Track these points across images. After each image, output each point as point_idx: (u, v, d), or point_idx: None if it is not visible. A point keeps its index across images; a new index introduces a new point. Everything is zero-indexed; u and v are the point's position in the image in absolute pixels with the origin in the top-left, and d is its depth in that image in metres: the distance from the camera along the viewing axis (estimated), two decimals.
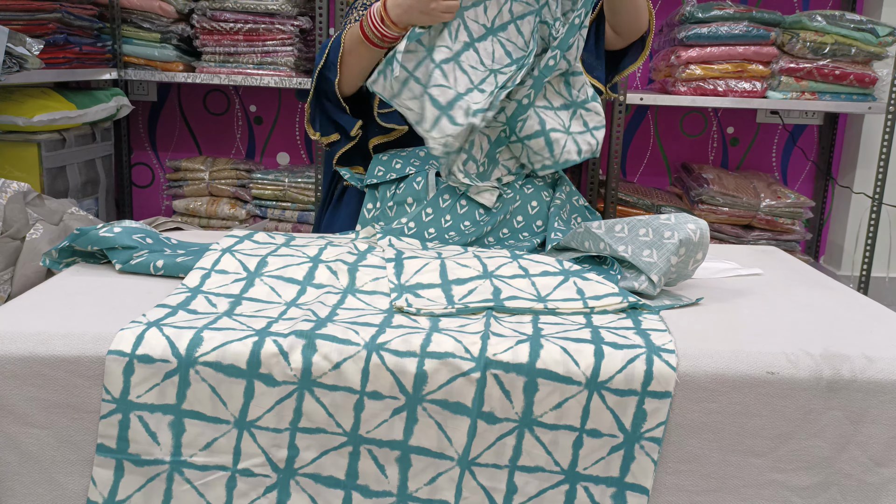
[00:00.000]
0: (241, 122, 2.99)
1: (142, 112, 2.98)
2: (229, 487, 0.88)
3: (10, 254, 1.29)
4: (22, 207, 1.34)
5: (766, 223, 2.66)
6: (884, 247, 2.89)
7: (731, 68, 2.51)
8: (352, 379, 0.85)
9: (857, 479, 0.90)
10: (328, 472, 0.88)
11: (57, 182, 2.26)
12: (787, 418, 0.88)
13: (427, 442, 0.87)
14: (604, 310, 0.99)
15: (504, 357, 0.86)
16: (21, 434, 0.87)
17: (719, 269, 1.25)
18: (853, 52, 2.47)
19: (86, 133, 2.43)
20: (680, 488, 0.90)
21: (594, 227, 1.15)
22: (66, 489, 0.88)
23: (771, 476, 0.90)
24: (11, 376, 0.86)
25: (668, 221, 1.07)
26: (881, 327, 1.00)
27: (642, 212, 2.68)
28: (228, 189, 2.73)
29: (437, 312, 0.96)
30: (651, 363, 0.86)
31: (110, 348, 0.86)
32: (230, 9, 2.52)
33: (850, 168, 2.92)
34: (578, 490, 0.88)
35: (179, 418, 0.86)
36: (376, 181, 1.40)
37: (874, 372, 0.89)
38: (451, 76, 1.24)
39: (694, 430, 0.88)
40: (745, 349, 0.90)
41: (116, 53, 2.60)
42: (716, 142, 2.99)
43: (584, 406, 0.86)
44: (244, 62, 2.57)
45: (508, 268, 1.08)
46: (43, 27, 2.18)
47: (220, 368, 0.85)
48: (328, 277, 1.04)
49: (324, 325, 0.89)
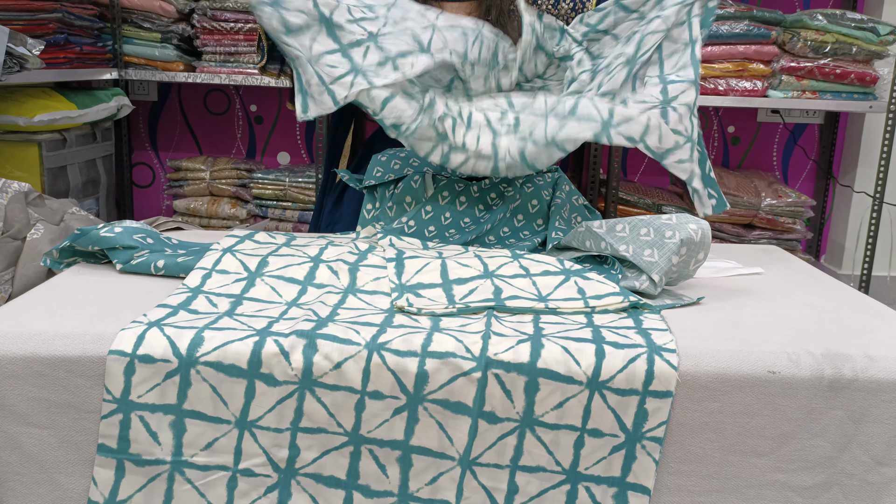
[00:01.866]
0: (241, 121, 2.99)
1: (142, 112, 2.98)
2: (230, 487, 0.88)
3: (11, 254, 1.29)
4: (23, 207, 1.34)
5: (767, 222, 2.66)
6: (885, 246, 2.88)
7: (732, 67, 2.51)
8: (353, 379, 0.85)
9: (859, 479, 0.90)
10: (329, 472, 0.88)
11: (58, 182, 2.26)
12: (789, 418, 0.88)
13: (428, 442, 0.87)
14: (605, 309, 0.99)
15: (505, 357, 0.85)
16: (22, 434, 0.87)
17: (720, 268, 1.25)
18: (854, 51, 2.47)
19: (86, 133, 2.43)
20: (681, 488, 0.90)
21: (595, 226, 1.15)
22: (67, 489, 0.88)
23: (773, 476, 0.90)
24: (12, 376, 0.86)
25: (669, 221, 1.07)
26: (883, 326, 1.00)
27: (643, 211, 2.68)
28: (229, 189, 2.73)
29: (438, 312, 0.96)
30: (652, 363, 0.86)
31: (111, 348, 0.86)
32: (231, 8, 2.52)
33: (850, 167, 2.92)
34: (580, 490, 0.88)
35: (180, 418, 0.86)
36: (374, 182, 1.39)
37: (876, 371, 0.89)
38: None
39: (695, 430, 0.88)
40: (746, 348, 0.90)
41: (117, 53, 2.60)
42: (717, 141, 2.99)
43: (585, 406, 0.86)
44: (245, 62, 2.57)
45: (509, 267, 1.08)
46: (43, 27, 2.18)
47: (220, 368, 0.85)
48: (329, 277, 1.04)
49: (325, 324, 0.89)
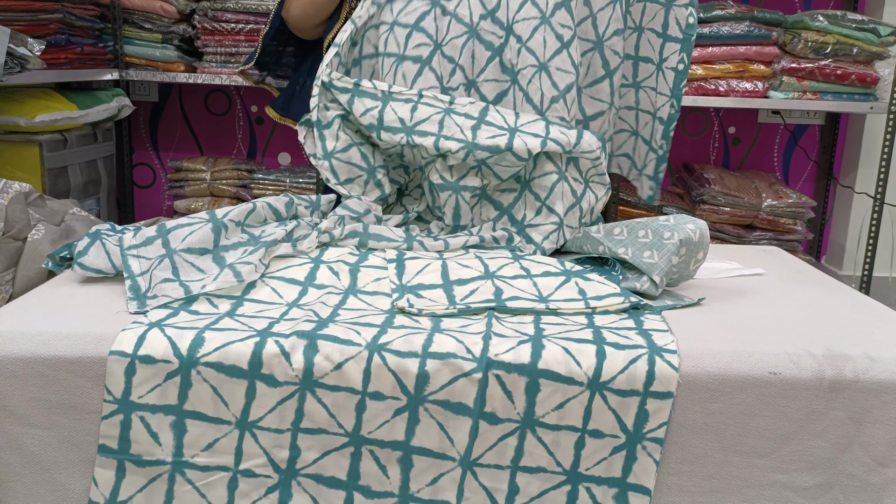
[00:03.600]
0: (242, 122, 2.99)
1: (143, 112, 2.98)
2: (231, 488, 0.88)
3: (12, 254, 1.29)
4: (24, 208, 1.34)
5: (768, 223, 2.66)
6: (886, 246, 2.88)
7: (733, 68, 2.51)
8: (353, 379, 0.85)
9: (860, 480, 0.90)
10: (330, 473, 0.88)
11: (58, 182, 2.26)
12: (790, 419, 0.88)
13: (429, 442, 0.87)
14: (605, 310, 0.99)
15: (506, 357, 0.85)
16: (23, 435, 0.87)
17: (721, 269, 1.25)
18: (855, 52, 2.47)
19: (87, 133, 2.43)
20: (682, 489, 0.90)
21: (593, 231, 1.15)
22: (68, 490, 0.88)
23: (773, 477, 0.90)
24: (13, 377, 0.86)
25: (666, 222, 1.07)
26: (883, 327, 1.00)
27: (644, 212, 2.68)
28: (230, 189, 2.73)
29: (439, 313, 0.96)
30: (653, 363, 0.86)
31: (112, 349, 0.86)
32: (231, 9, 2.52)
33: (851, 168, 2.92)
34: (580, 491, 0.88)
35: (181, 419, 0.86)
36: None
37: (877, 372, 0.89)
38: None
39: (696, 431, 0.88)
40: (747, 349, 0.90)
41: (118, 54, 2.60)
42: (717, 142, 2.99)
43: (585, 406, 0.86)
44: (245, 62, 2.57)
45: (510, 268, 1.08)
46: (44, 28, 2.18)
47: (221, 369, 0.85)
48: (329, 278, 1.04)
49: (325, 325, 0.89)
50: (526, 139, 1.17)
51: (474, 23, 1.24)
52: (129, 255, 1.02)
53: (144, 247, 1.03)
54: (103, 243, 1.05)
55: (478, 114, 1.21)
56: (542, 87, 1.23)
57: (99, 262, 1.04)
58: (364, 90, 1.23)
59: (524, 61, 1.23)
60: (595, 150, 1.20)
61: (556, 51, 1.24)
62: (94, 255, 1.04)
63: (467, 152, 1.18)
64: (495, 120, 1.20)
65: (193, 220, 1.06)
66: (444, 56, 1.24)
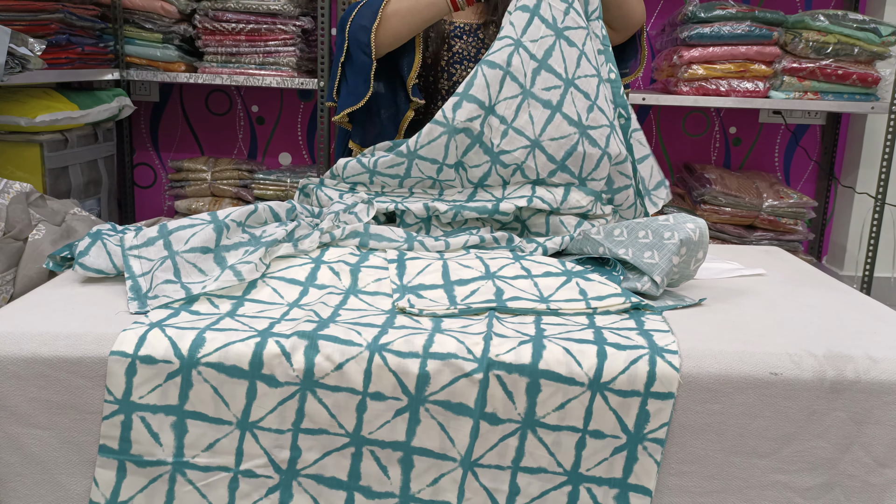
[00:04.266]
0: (242, 122, 2.99)
1: (144, 112, 2.98)
2: (231, 488, 0.88)
3: (13, 254, 1.29)
4: (24, 208, 1.34)
5: (769, 223, 2.65)
6: (887, 247, 2.88)
7: (734, 68, 2.50)
8: (354, 380, 0.85)
9: (861, 480, 0.90)
10: (330, 473, 0.88)
11: (59, 182, 2.26)
12: (791, 419, 0.88)
13: (429, 443, 0.87)
14: (606, 310, 0.99)
15: (507, 358, 0.85)
16: (23, 435, 0.87)
17: (722, 269, 1.25)
18: (856, 52, 2.46)
19: (88, 133, 2.43)
20: (683, 489, 0.90)
21: (593, 232, 1.15)
22: (69, 490, 0.88)
23: (774, 477, 0.90)
24: (14, 377, 0.86)
25: (666, 222, 1.07)
26: (885, 328, 1.00)
27: None
28: (230, 189, 2.73)
29: (440, 313, 0.96)
30: (654, 364, 0.86)
31: (112, 349, 0.86)
32: (232, 9, 2.52)
33: (852, 168, 2.92)
34: (581, 491, 0.88)
35: (182, 419, 0.86)
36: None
37: (878, 373, 0.89)
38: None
39: (697, 431, 0.88)
40: (748, 350, 0.90)
41: (118, 54, 2.60)
42: (718, 142, 2.99)
43: (586, 407, 0.86)
44: (246, 62, 2.57)
45: (511, 268, 1.08)
46: (45, 27, 2.18)
47: (222, 369, 0.85)
48: (330, 278, 1.04)
49: (326, 325, 0.89)
50: (514, 202, 1.24)
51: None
52: (130, 256, 1.02)
53: (146, 247, 1.03)
54: (104, 243, 1.06)
55: (466, 197, 1.28)
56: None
57: (100, 263, 1.04)
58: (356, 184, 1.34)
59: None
60: (585, 204, 1.26)
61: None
62: (95, 256, 1.04)
63: (455, 213, 1.24)
64: (482, 196, 1.28)
65: (195, 222, 1.06)
66: None
